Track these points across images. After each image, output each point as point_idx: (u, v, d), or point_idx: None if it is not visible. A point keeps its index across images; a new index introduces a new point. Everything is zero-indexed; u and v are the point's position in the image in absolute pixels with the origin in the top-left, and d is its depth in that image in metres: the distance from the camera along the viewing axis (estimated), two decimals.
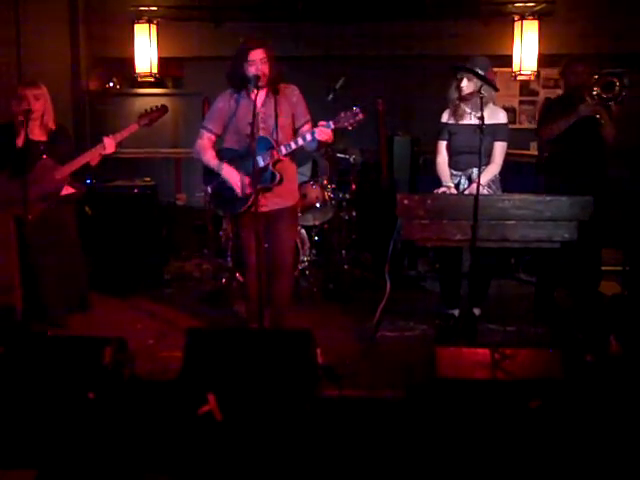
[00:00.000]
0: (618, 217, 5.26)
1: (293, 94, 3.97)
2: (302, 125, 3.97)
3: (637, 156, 5.75)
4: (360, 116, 3.72)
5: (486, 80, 4.10)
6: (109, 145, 4.21)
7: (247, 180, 3.84)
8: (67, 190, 4.31)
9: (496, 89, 4.21)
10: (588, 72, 4.56)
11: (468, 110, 4.22)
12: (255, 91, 3.75)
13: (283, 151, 3.84)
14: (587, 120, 4.46)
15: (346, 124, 3.74)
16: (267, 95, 3.92)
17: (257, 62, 3.78)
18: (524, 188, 4.56)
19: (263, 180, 3.84)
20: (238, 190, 3.90)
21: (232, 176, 3.92)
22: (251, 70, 3.79)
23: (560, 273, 4.82)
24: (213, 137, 4.06)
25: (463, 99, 4.21)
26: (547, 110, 4.83)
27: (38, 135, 4.26)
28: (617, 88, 4.36)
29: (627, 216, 5.42)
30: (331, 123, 3.74)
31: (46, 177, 4.18)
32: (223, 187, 3.99)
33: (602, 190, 4.46)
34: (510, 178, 4.41)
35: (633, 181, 5.64)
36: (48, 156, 4.22)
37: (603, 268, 4.99)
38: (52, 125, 4.33)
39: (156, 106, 4.32)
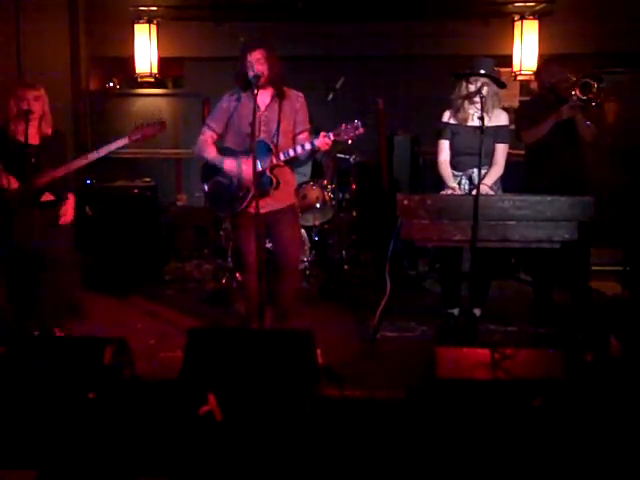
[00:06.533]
0: (618, 217, 5.26)
1: (297, 100, 3.99)
2: (300, 133, 3.98)
3: (636, 156, 5.75)
4: (360, 130, 3.73)
5: (501, 82, 4.13)
6: (92, 158, 4.08)
7: (249, 162, 3.75)
8: (47, 197, 4.13)
9: (504, 85, 4.21)
10: (562, 72, 4.55)
11: (472, 112, 4.20)
12: (257, 91, 3.75)
13: (282, 157, 3.86)
14: (566, 121, 4.44)
15: (346, 137, 3.74)
16: (272, 99, 3.94)
17: (254, 63, 3.80)
18: (523, 188, 4.58)
19: (260, 184, 3.84)
20: (244, 174, 3.87)
21: (234, 169, 3.92)
22: (250, 71, 3.81)
23: (555, 272, 4.81)
24: (215, 135, 4.07)
25: (471, 101, 4.17)
26: (525, 112, 4.75)
27: (32, 138, 4.07)
28: (595, 90, 4.32)
29: (626, 216, 5.42)
30: (331, 134, 3.74)
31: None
32: (220, 186, 4.01)
33: (582, 189, 4.41)
34: (510, 178, 4.41)
35: (632, 181, 5.64)
36: (36, 161, 4.05)
37: (603, 268, 4.99)
38: (48, 130, 4.18)
39: (153, 121, 4.17)
